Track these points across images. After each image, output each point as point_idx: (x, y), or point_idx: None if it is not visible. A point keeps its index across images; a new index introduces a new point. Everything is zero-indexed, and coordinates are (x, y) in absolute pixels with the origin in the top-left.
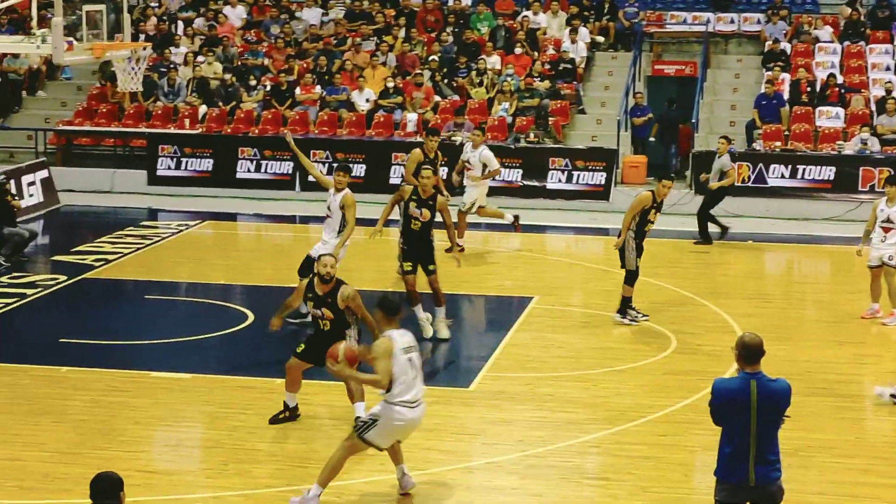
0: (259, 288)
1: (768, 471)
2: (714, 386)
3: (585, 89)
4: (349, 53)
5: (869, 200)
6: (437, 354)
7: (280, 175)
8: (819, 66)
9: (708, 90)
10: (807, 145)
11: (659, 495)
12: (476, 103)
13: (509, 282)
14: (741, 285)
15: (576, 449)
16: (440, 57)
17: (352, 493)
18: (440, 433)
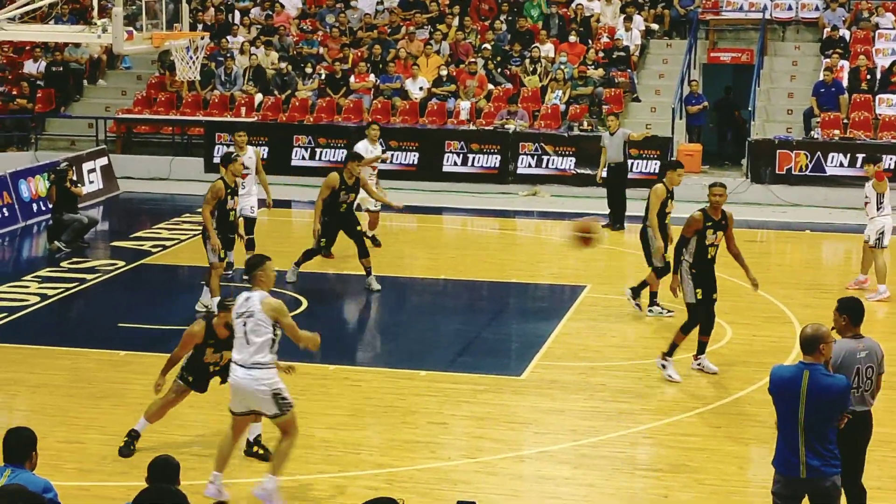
0: (312, 275)
1: (822, 464)
2: (771, 372)
3: (639, 77)
4: (403, 42)
5: None
6: (489, 342)
7: (334, 163)
8: (879, 53)
9: (765, 78)
10: (866, 133)
11: (713, 487)
12: (529, 91)
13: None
14: (798, 275)
15: (628, 439)
16: (493, 45)
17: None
18: (492, 421)
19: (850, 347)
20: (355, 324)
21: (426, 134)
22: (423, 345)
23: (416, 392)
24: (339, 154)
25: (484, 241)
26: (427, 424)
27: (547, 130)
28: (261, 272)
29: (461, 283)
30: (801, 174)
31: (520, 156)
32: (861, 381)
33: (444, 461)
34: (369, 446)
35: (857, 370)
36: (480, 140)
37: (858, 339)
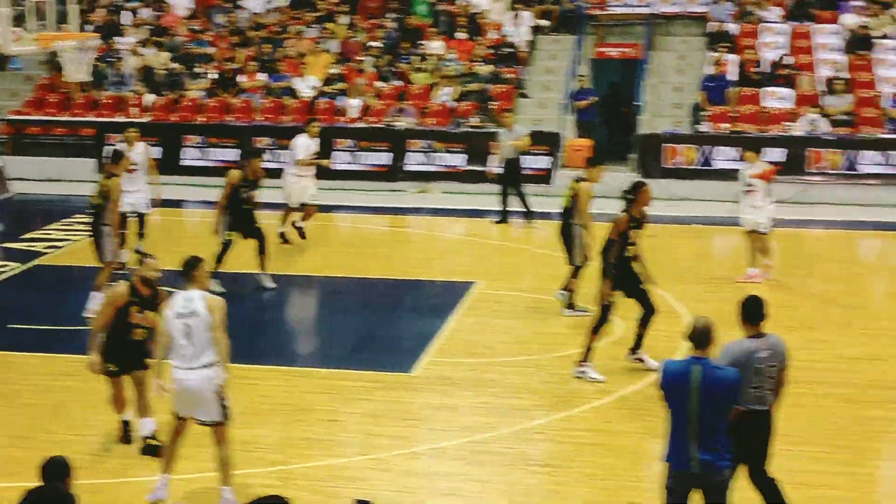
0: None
1: (714, 458)
2: (662, 366)
3: (528, 73)
4: (292, 41)
5: (819, 182)
6: (382, 339)
7: (226, 162)
8: (765, 46)
9: (652, 72)
10: (754, 126)
11: (605, 482)
12: (418, 88)
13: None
14: (688, 270)
15: (521, 435)
16: (383, 43)
17: (296, 476)
18: (385, 418)
19: (747, 348)
20: (250, 322)
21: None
22: (317, 342)
23: (311, 389)
24: (231, 153)
25: (375, 239)
26: (321, 422)
27: (436, 127)
28: (198, 272)
29: (353, 280)
30: (689, 168)
31: (409, 153)
32: (762, 379)
33: (339, 458)
34: (264, 444)
35: (756, 370)
36: (370, 138)
37: (759, 339)
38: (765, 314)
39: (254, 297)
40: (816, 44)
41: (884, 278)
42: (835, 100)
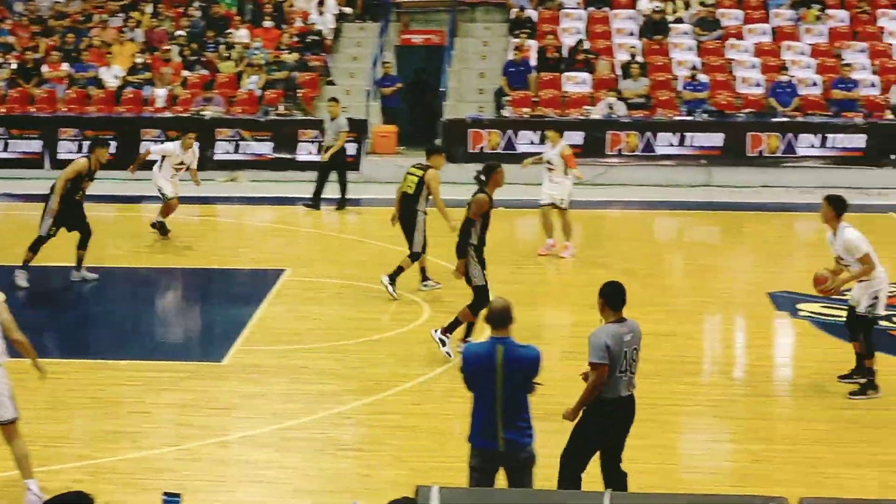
0: (13, 268)
1: (518, 437)
2: (463, 351)
3: (334, 61)
4: (96, 30)
5: (617, 164)
6: (190, 329)
7: (29, 154)
8: (565, 32)
9: (456, 58)
10: (555, 111)
11: (414, 464)
12: (225, 77)
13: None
14: (494, 252)
15: (331, 420)
16: (188, 32)
17: (104, 470)
18: (193, 408)
19: (615, 332)
20: (54, 315)
21: (123, 122)
22: (123, 334)
23: (118, 382)
24: (35, 145)
25: (184, 228)
26: (129, 414)
27: (243, 116)
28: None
29: (161, 270)
30: (493, 152)
31: (217, 142)
32: (628, 364)
33: (148, 450)
34: (71, 439)
35: (624, 354)
36: (177, 127)
37: (622, 323)
38: (625, 299)
39: (59, 290)
40: (613, 29)
41: (680, 256)
42: (631, 83)
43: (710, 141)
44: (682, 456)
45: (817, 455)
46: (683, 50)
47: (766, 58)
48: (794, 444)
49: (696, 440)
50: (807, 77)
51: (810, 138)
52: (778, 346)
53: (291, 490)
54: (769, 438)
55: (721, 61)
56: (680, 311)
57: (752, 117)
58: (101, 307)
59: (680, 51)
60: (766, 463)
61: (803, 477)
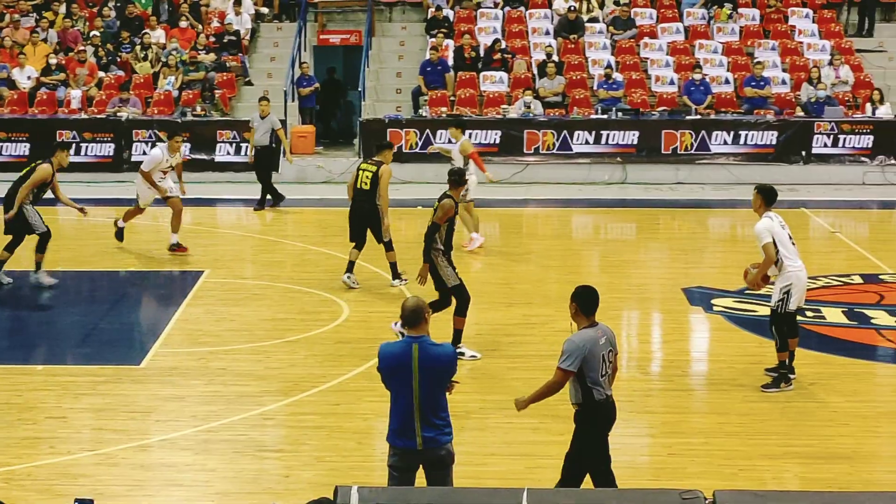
0: None
1: (436, 434)
2: (379, 350)
3: (251, 61)
4: (8, 30)
5: (535, 162)
6: (108, 333)
7: None
8: (482, 31)
9: (374, 58)
10: (472, 110)
11: (334, 464)
12: (141, 78)
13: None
14: (411, 251)
15: (250, 422)
16: (103, 32)
17: (19, 477)
18: (111, 412)
19: (591, 336)
20: None
21: (37, 124)
22: (39, 338)
23: (34, 387)
24: None
25: (100, 231)
26: (46, 420)
27: (161, 117)
28: None
29: (78, 273)
30: (411, 151)
31: (134, 143)
32: (605, 367)
33: (65, 456)
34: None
35: (602, 357)
36: (93, 129)
37: (595, 327)
38: (598, 303)
39: None
40: (529, 28)
41: (596, 253)
42: (547, 82)
43: (626, 139)
44: None
45: (732, 447)
46: (598, 49)
47: (679, 56)
48: (708, 437)
49: (612, 434)
50: (719, 75)
51: (723, 135)
52: (693, 341)
53: (212, 493)
54: (684, 432)
55: (635, 60)
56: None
57: (666, 115)
58: (15, 311)
59: (595, 50)
60: (681, 456)
61: (718, 469)
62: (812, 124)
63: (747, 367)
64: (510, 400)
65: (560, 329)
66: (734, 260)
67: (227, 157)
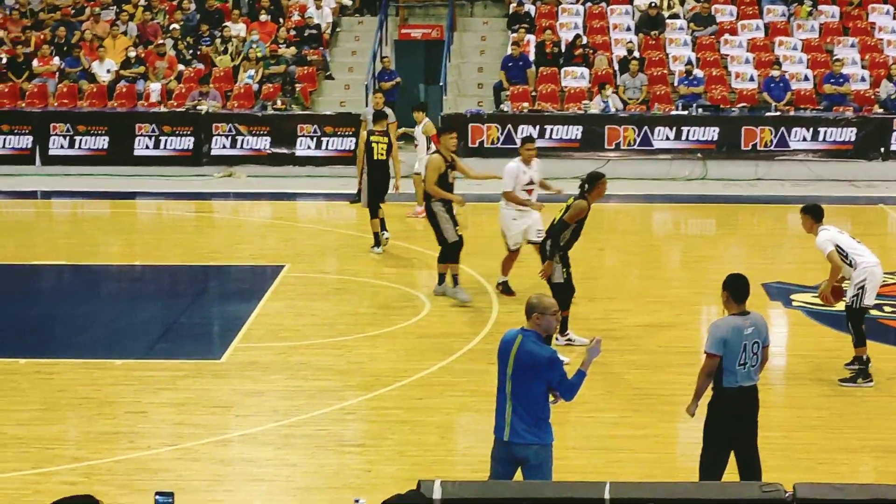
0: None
1: (524, 430)
2: (504, 335)
3: (332, 55)
4: (88, 23)
5: (616, 158)
6: (188, 327)
7: (19, 150)
8: (563, 27)
9: (455, 53)
10: (553, 105)
11: (416, 458)
12: (221, 71)
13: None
14: (495, 246)
15: (331, 416)
16: (182, 25)
17: (100, 472)
18: (191, 407)
19: (735, 324)
20: (46, 315)
21: (116, 117)
22: (118, 333)
23: (113, 382)
24: (25, 141)
25: (180, 225)
26: (125, 414)
27: (240, 110)
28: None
29: (158, 268)
30: (492, 146)
31: (214, 137)
32: (748, 356)
33: (145, 450)
34: (65, 440)
35: (744, 346)
36: (172, 122)
37: (745, 316)
38: (749, 292)
39: (52, 288)
40: (610, 24)
41: (676, 248)
42: (628, 79)
43: (706, 135)
44: (680, 445)
45: (811, 441)
46: (679, 45)
47: (759, 53)
48: (788, 430)
49: (693, 429)
50: (799, 72)
51: (802, 132)
52: (772, 336)
53: (293, 487)
54: (763, 426)
55: (716, 56)
56: (676, 302)
57: (746, 112)
58: (95, 305)
59: (675, 46)
60: (760, 450)
61: (797, 463)
62: (891, 121)
63: (825, 361)
64: (590, 393)
65: (640, 323)
66: (813, 256)
67: (307, 151)
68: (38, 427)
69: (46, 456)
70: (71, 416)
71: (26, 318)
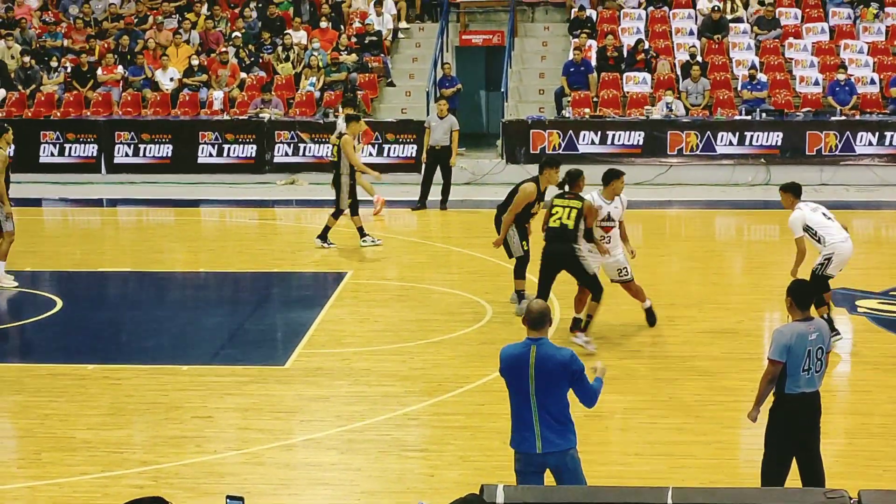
0: (68, 273)
1: (556, 437)
2: (501, 353)
3: (393, 62)
4: (151, 32)
5: (678, 164)
6: (252, 333)
7: (85, 158)
8: (625, 32)
9: (516, 59)
10: (615, 111)
11: (478, 463)
12: (283, 79)
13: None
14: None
15: (394, 422)
16: (244, 33)
17: (167, 475)
18: (257, 412)
19: (800, 330)
20: (114, 321)
21: (179, 125)
22: (184, 339)
23: (180, 387)
24: (90, 149)
25: (243, 232)
26: (192, 419)
27: (302, 118)
28: None
29: (221, 275)
30: (554, 153)
31: (276, 144)
32: (812, 362)
33: (211, 455)
34: (132, 444)
35: (808, 352)
36: (235, 130)
37: (808, 322)
38: (812, 298)
39: (118, 294)
40: (673, 28)
41: (738, 255)
42: (691, 84)
43: (770, 140)
44: (743, 451)
45: (876, 448)
46: (742, 49)
47: (824, 57)
48: (852, 437)
49: (755, 436)
50: (865, 76)
51: (868, 136)
52: (837, 342)
53: (357, 492)
54: (828, 432)
55: (780, 60)
56: (739, 308)
57: (811, 116)
58: (160, 312)
59: (739, 50)
60: (825, 457)
61: (862, 470)
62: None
63: (891, 368)
64: (653, 399)
65: (703, 330)
66: (878, 261)
67: (369, 158)
68: (107, 431)
69: (115, 460)
70: (138, 421)
71: (94, 324)
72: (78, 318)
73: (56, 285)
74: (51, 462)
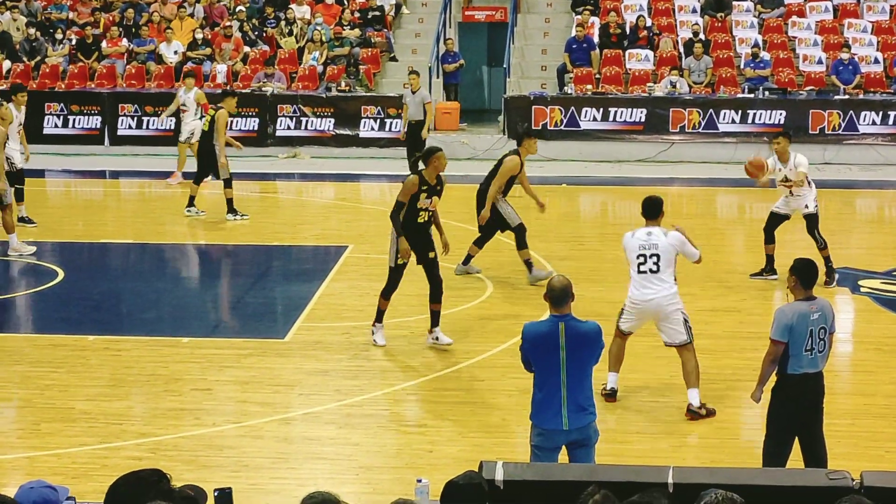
0: (70, 244)
1: (581, 413)
2: (524, 329)
3: (396, 37)
4: (156, 5)
5: (680, 141)
6: (252, 306)
7: (88, 130)
8: (628, 9)
9: (519, 35)
10: (618, 88)
11: (477, 439)
12: (286, 53)
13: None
14: (556, 228)
15: (393, 397)
16: (248, 7)
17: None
18: (256, 385)
19: (801, 310)
20: (114, 293)
21: None
22: (185, 311)
23: (179, 359)
24: (94, 121)
25: (244, 205)
26: (191, 391)
27: (305, 92)
28: None
29: (222, 247)
30: (556, 129)
31: (278, 118)
32: (814, 342)
33: (210, 427)
34: (132, 416)
35: (810, 332)
36: (239, 103)
37: (811, 301)
38: (817, 278)
39: (120, 266)
40: (676, 6)
41: (740, 233)
42: (693, 62)
43: (772, 118)
44: (745, 431)
45: (879, 429)
46: (745, 27)
47: (827, 35)
48: (854, 418)
49: (758, 416)
50: (868, 55)
51: (872, 115)
52: (839, 322)
53: (355, 466)
54: (830, 413)
55: (783, 39)
56: (740, 287)
57: (814, 95)
58: (160, 284)
59: (742, 28)
60: (827, 437)
61: (864, 451)
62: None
63: (894, 348)
64: (654, 379)
65: (705, 308)
66: (881, 241)
67: (371, 132)
68: (106, 403)
69: (114, 431)
70: (138, 393)
71: (96, 295)
72: (79, 289)
73: (58, 256)
74: (50, 433)
